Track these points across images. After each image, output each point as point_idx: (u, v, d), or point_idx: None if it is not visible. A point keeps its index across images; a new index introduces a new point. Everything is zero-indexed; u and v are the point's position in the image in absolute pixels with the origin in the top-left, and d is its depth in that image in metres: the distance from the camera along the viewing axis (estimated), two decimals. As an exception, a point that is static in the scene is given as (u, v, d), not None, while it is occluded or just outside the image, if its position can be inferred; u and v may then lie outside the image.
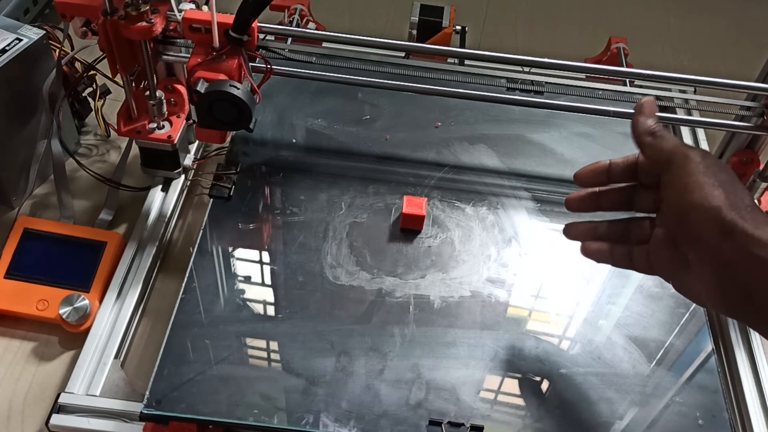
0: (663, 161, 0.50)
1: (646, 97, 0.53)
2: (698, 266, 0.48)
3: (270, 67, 0.66)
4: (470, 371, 0.63)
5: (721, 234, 0.45)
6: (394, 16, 1.16)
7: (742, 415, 0.67)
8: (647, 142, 0.51)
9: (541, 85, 0.72)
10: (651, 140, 0.51)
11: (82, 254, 0.72)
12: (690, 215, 0.47)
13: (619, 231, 0.56)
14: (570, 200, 0.58)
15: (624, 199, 0.56)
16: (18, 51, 0.73)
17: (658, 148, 0.50)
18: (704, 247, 0.47)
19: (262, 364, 0.63)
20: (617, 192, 0.56)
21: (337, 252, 0.71)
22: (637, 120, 0.52)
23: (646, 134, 0.51)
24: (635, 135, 0.52)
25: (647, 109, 0.52)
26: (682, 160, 0.48)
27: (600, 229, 0.57)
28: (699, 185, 0.46)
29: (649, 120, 0.52)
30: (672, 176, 0.49)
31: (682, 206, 0.47)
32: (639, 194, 0.55)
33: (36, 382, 0.67)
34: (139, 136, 0.72)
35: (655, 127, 0.51)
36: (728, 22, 1.24)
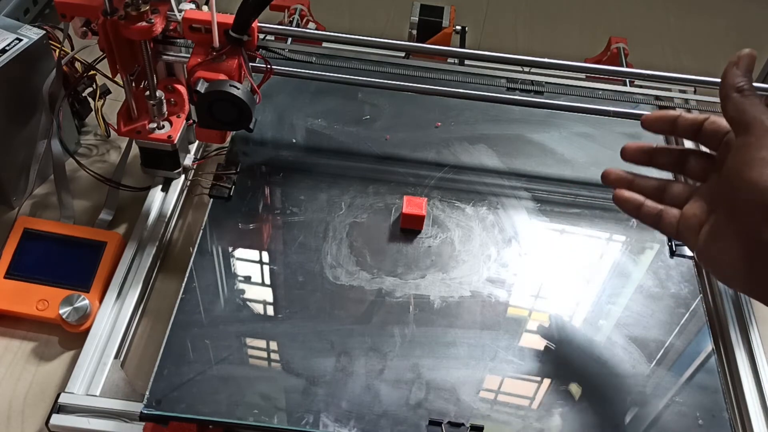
0: (741, 123, 0.47)
1: (747, 50, 0.49)
2: (732, 241, 0.47)
3: (270, 67, 0.66)
4: (470, 371, 0.63)
5: (765, 215, 0.44)
6: (394, 16, 1.16)
7: (742, 415, 0.67)
8: (733, 98, 0.48)
9: (541, 85, 0.72)
10: (737, 97, 0.48)
11: (82, 254, 0.72)
12: (743, 190, 0.46)
13: (655, 189, 0.56)
14: (627, 148, 0.58)
15: (677, 161, 0.56)
16: (18, 51, 0.73)
17: (741, 109, 0.48)
18: (745, 224, 0.46)
19: (262, 364, 0.63)
20: (672, 152, 0.56)
21: (337, 252, 0.71)
22: (729, 72, 0.49)
23: (734, 89, 0.49)
24: (723, 87, 0.49)
25: (744, 63, 0.49)
26: (759, 130, 0.46)
27: (638, 181, 0.57)
28: (763, 162, 0.45)
29: (740, 75, 0.49)
30: (743, 144, 0.47)
31: (739, 179, 0.46)
32: (693, 159, 0.55)
33: (36, 382, 0.67)
34: (139, 136, 0.72)
35: (745, 84, 0.49)
36: (728, 22, 1.24)
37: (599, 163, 0.82)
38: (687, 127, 0.54)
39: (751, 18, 1.25)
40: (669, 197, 0.55)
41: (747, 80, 0.49)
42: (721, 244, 0.48)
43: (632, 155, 0.58)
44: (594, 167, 0.81)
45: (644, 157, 0.57)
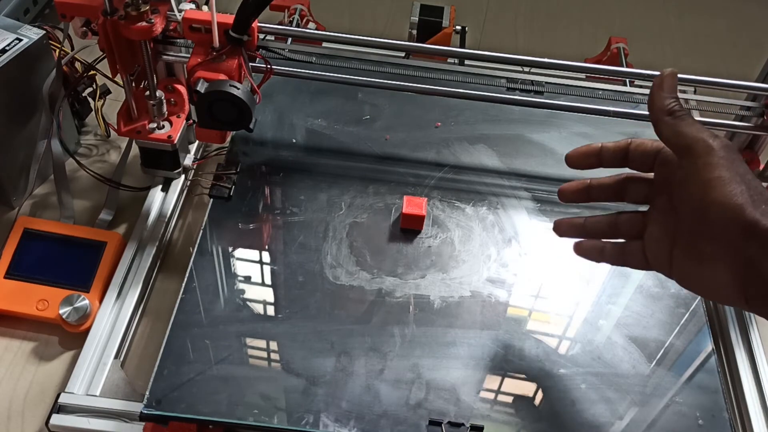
0: (682, 146, 0.46)
1: (668, 69, 0.48)
2: (714, 263, 0.46)
3: (270, 67, 0.66)
4: (470, 371, 0.63)
5: (743, 232, 0.43)
6: (394, 16, 1.16)
7: (742, 415, 0.67)
8: (665, 122, 0.47)
9: (541, 85, 0.72)
10: (670, 120, 0.47)
11: (82, 254, 0.72)
12: (710, 212, 0.44)
13: (608, 226, 0.55)
14: (562, 191, 0.57)
15: (616, 190, 0.55)
16: (18, 51, 0.73)
17: (678, 131, 0.47)
18: (724, 245, 0.45)
19: (262, 364, 0.63)
20: (608, 183, 0.55)
21: (337, 252, 0.71)
22: (656, 95, 0.48)
23: (665, 113, 0.47)
24: (652, 112, 0.48)
25: (668, 83, 0.48)
26: (704, 151, 0.45)
27: (589, 225, 0.56)
28: (722, 182, 0.44)
29: (668, 97, 0.48)
30: (692, 168, 0.46)
31: (703, 202, 0.45)
32: (631, 185, 0.54)
33: (36, 382, 0.67)
34: (139, 136, 0.72)
35: (675, 105, 0.47)
36: (728, 22, 1.24)
37: (599, 163, 0.82)
38: (612, 155, 0.53)
39: (751, 18, 1.25)
40: (623, 229, 0.54)
41: (675, 100, 0.48)
42: (706, 268, 0.47)
43: (569, 197, 0.57)
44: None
45: (582, 196, 0.56)
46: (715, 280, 0.47)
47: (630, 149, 0.52)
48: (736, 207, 0.43)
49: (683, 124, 0.47)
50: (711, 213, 0.45)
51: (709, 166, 0.45)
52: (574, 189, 0.57)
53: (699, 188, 0.45)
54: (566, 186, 0.57)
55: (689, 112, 0.47)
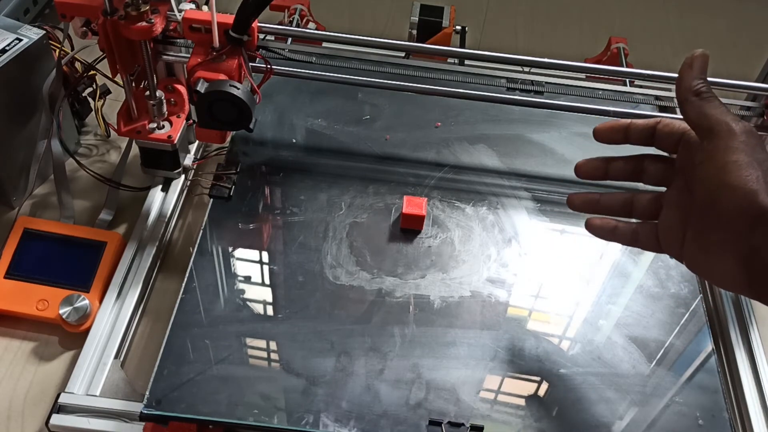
0: (705, 128, 0.46)
1: (699, 50, 0.48)
2: (722, 248, 0.45)
3: (270, 67, 0.66)
4: (470, 371, 0.63)
5: (753, 218, 0.43)
6: (394, 16, 1.16)
7: (742, 415, 0.67)
8: (692, 102, 0.47)
9: (541, 85, 0.72)
10: (696, 101, 0.47)
11: (82, 254, 0.72)
12: (723, 196, 0.44)
13: (623, 205, 0.54)
14: (580, 165, 0.56)
15: (634, 169, 0.54)
16: (18, 51, 0.73)
17: (702, 112, 0.46)
18: (733, 231, 0.44)
19: (262, 364, 0.63)
20: (628, 161, 0.54)
21: (337, 252, 0.71)
22: (684, 75, 0.48)
23: (691, 93, 0.47)
24: (679, 91, 0.48)
25: (698, 64, 0.48)
26: (726, 134, 0.45)
27: (603, 201, 0.55)
28: (738, 166, 0.43)
29: (697, 77, 0.48)
30: (712, 149, 0.45)
31: (717, 185, 0.44)
32: (649, 166, 0.53)
33: (36, 382, 0.67)
34: (139, 136, 0.72)
35: (702, 86, 0.47)
36: (728, 22, 1.24)
37: (599, 163, 0.82)
38: (640, 133, 0.53)
39: (751, 18, 1.25)
40: (638, 210, 0.54)
41: (704, 82, 0.48)
42: (712, 255, 0.47)
43: (586, 171, 0.56)
44: (594, 167, 0.81)
45: (599, 172, 0.55)
46: (721, 267, 0.46)
47: (658, 128, 0.52)
48: (748, 192, 0.43)
49: (709, 106, 0.46)
50: (723, 197, 0.44)
51: (729, 149, 0.44)
52: (591, 165, 0.56)
53: (715, 171, 0.45)
54: (584, 161, 0.56)
55: (715, 95, 0.47)
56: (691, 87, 0.47)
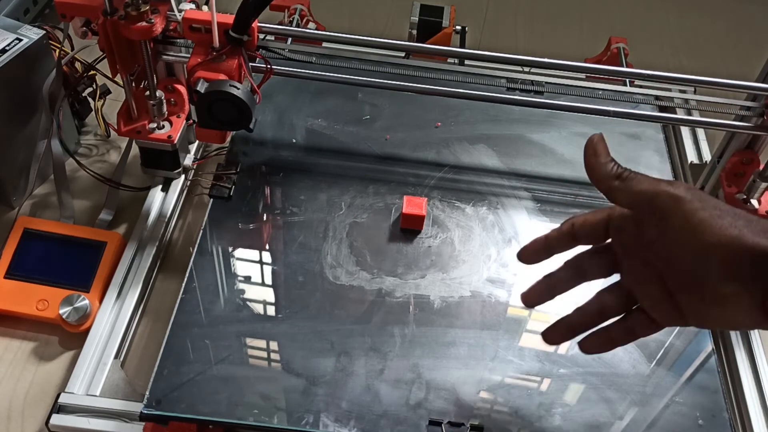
0: (644, 205, 0.45)
1: (595, 135, 0.48)
2: (735, 299, 0.44)
3: (270, 67, 0.66)
4: (470, 371, 0.63)
5: (752, 260, 0.42)
6: (394, 16, 1.16)
7: (742, 415, 0.67)
8: (615, 187, 0.46)
9: (541, 85, 0.72)
10: (619, 184, 0.46)
11: (82, 254, 0.72)
12: (712, 256, 0.43)
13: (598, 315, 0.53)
14: (527, 297, 0.55)
15: (575, 275, 0.53)
16: (18, 51, 0.73)
17: (632, 191, 0.46)
18: (739, 280, 0.43)
19: (262, 364, 0.63)
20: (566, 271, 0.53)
21: (337, 252, 0.71)
22: (595, 165, 0.47)
23: (611, 178, 0.47)
24: (598, 183, 0.47)
25: (601, 149, 0.47)
26: (671, 203, 0.44)
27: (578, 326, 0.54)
28: (707, 223, 0.43)
29: (608, 162, 0.47)
30: (665, 223, 0.44)
31: (698, 249, 0.43)
32: (588, 266, 0.52)
33: (36, 382, 0.67)
34: (139, 136, 0.72)
35: (617, 168, 0.47)
36: (728, 22, 1.24)
37: (599, 163, 0.82)
38: (559, 242, 0.52)
39: (751, 18, 1.25)
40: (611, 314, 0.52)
41: (615, 163, 0.47)
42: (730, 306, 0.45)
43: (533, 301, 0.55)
44: (594, 167, 0.81)
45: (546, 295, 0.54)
46: (738, 315, 0.45)
47: (575, 230, 0.51)
48: (734, 240, 0.42)
49: (636, 184, 0.46)
50: (712, 256, 0.43)
51: (686, 213, 0.43)
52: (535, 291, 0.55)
53: (687, 238, 0.44)
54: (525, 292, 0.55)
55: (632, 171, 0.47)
56: (608, 173, 0.47)
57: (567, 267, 0.53)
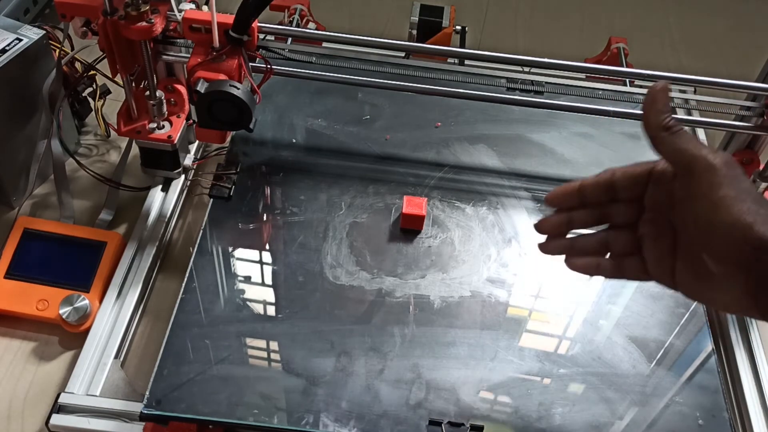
0: (682, 164, 0.45)
1: (659, 83, 0.47)
2: (725, 280, 0.44)
3: (270, 67, 0.66)
4: (470, 371, 0.63)
5: (754, 250, 0.42)
6: (394, 16, 1.16)
7: (742, 415, 0.67)
8: (663, 138, 0.46)
9: (541, 85, 0.72)
10: (667, 137, 0.46)
11: (82, 254, 0.72)
12: (718, 233, 0.43)
13: (598, 245, 0.53)
14: (541, 226, 0.54)
15: (597, 218, 0.52)
16: (18, 51, 0.73)
17: (676, 148, 0.45)
18: (736, 264, 0.43)
19: (262, 364, 0.63)
20: (589, 212, 0.52)
21: (337, 252, 0.71)
22: (650, 112, 0.47)
23: (661, 129, 0.46)
24: (648, 129, 0.47)
25: (660, 99, 0.47)
26: (706, 170, 0.44)
27: (577, 245, 0.53)
28: (727, 202, 0.43)
29: (663, 112, 0.46)
30: (694, 187, 0.44)
31: (710, 223, 0.43)
32: (614, 209, 0.52)
33: (36, 382, 0.67)
34: (139, 136, 0.72)
35: (670, 121, 0.46)
36: (728, 22, 1.24)
37: (599, 162, 0.82)
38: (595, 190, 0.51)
39: (751, 18, 1.25)
40: (615, 250, 0.52)
41: (670, 115, 0.46)
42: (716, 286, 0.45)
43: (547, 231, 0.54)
44: (594, 167, 0.80)
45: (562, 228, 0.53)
46: (726, 296, 0.46)
47: (615, 179, 0.51)
48: (745, 226, 0.42)
49: (681, 141, 0.45)
50: (719, 233, 0.43)
51: (713, 185, 0.43)
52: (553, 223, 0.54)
53: (704, 208, 0.44)
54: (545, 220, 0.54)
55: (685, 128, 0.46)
56: (659, 123, 0.46)
57: (591, 207, 0.52)
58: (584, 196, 0.52)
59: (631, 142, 0.85)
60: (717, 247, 0.44)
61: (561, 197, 0.53)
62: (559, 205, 0.53)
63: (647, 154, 0.80)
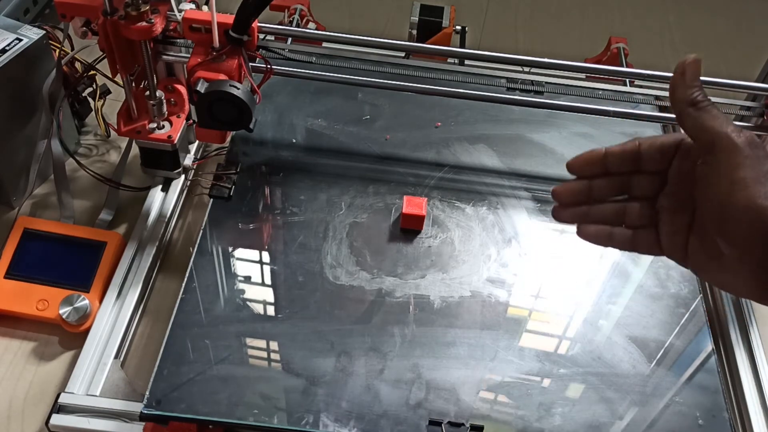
0: (705, 141, 0.44)
1: (691, 56, 0.46)
2: (736, 262, 0.44)
3: (270, 67, 0.66)
4: (470, 371, 0.63)
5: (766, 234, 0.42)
6: (394, 16, 1.16)
7: (742, 415, 0.67)
8: (688, 113, 0.45)
9: (541, 85, 0.72)
10: (693, 112, 0.45)
11: (82, 254, 0.72)
12: (732, 214, 0.43)
13: (614, 215, 0.52)
14: (559, 192, 0.52)
15: (618, 187, 0.51)
16: (18, 51, 0.73)
17: (701, 124, 0.44)
18: (747, 247, 0.43)
19: (262, 364, 0.63)
20: (611, 181, 0.51)
21: (337, 252, 0.71)
22: (677, 84, 0.45)
23: (687, 103, 0.45)
24: (674, 102, 0.46)
25: (691, 71, 0.45)
26: (728, 148, 0.43)
27: (593, 214, 0.52)
28: (745, 183, 0.42)
29: (691, 86, 0.45)
30: (715, 165, 0.44)
31: (725, 202, 0.43)
32: (636, 181, 0.51)
33: (36, 382, 0.67)
34: (139, 136, 0.72)
35: (698, 95, 0.45)
36: (728, 22, 1.24)
37: (599, 163, 0.82)
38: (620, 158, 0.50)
39: (751, 18, 1.25)
40: (631, 219, 0.51)
41: (699, 90, 0.45)
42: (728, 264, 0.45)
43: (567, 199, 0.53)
44: (594, 167, 0.81)
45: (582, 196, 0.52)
46: (734, 278, 0.45)
47: (642, 149, 0.50)
48: (759, 209, 0.42)
49: (707, 117, 0.44)
50: (734, 215, 0.43)
51: (733, 165, 0.43)
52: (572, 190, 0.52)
53: (722, 187, 0.43)
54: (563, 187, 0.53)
55: (714, 104, 0.45)
56: (686, 97, 0.45)
57: (614, 176, 0.51)
58: (608, 165, 0.50)
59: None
60: (730, 229, 0.43)
61: (584, 164, 0.51)
62: (581, 171, 0.52)
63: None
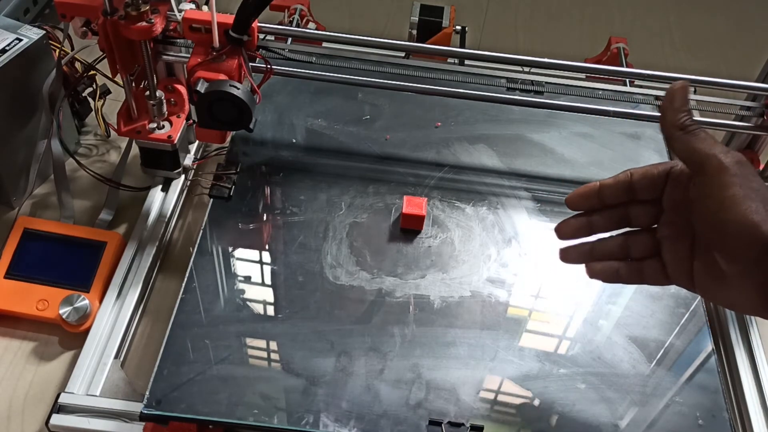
0: (695, 163, 0.46)
1: (679, 82, 0.47)
2: (738, 280, 0.45)
3: (270, 67, 0.66)
4: (470, 371, 0.63)
5: (763, 249, 0.42)
6: (394, 16, 1.16)
7: (742, 415, 0.67)
8: (678, 137, 0.46)
9: (541, 85, 0.72)
10: (682, 136, 0.46)
11: (82, 254, 0.72)
12: (727, 232, 0.44)
13: (618, 249, 0.53)
14: (562, 229, 0.54)
15: (618, 219, 0.53)
16: (18, 51, 0.73)
17: (691, 147, 0.46)
18: (745, 263, 0.44)
19: (262, 364, 0.63)
20: (610, 213, 0.53)
21: (337, 252, 0.71)
22: (668, 110, 0.47)
23: (677, 128, 0.46)
24: (664, 127, 0.47)
25: (679, 97, 0.47)
26: (716, 169, 0.44)
27: (597, 250, 0.54)
28: (735, 201, 0.43)
29: (680, 111, 0.46)
30: (706, 186, 0.45)
31: (720, 222, 0.44)
32: (633, 211, 0.52)
33: (36, 382, 0.67)
34: (139, 136, 0.72)
35: (687, 120, 0.46)
36: (728, 22, 1.24)
37: (599, 163, 0.82)
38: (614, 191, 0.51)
39: (751, 18, 1.25)
40: (635, 252, 0.52)
41: (688, 114, 0.47)
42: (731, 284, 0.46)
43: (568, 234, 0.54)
44: (594, 167, 0.82)
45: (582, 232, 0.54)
46: (739, 296, 0.46)
47: (634, 180, 0.51)
48: (751, 225, 0.43)
49: (695, 140, 0.46)
50: (729, 232, 0.44)
51: (723, 184, 0.44)
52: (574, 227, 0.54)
53: (714, 208, 0.44)
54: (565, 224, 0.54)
55: (702, 127, 0.46)
56: (675, 121, 0.46)
57: (612, 210, 0.53)
58: (603, 197, 0.52)
59: (631, 142, 0.85)
60: (727, 247, 0.45)
61: (581, 198, 0.53)
62: (579, 206, 0.53)
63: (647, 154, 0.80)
